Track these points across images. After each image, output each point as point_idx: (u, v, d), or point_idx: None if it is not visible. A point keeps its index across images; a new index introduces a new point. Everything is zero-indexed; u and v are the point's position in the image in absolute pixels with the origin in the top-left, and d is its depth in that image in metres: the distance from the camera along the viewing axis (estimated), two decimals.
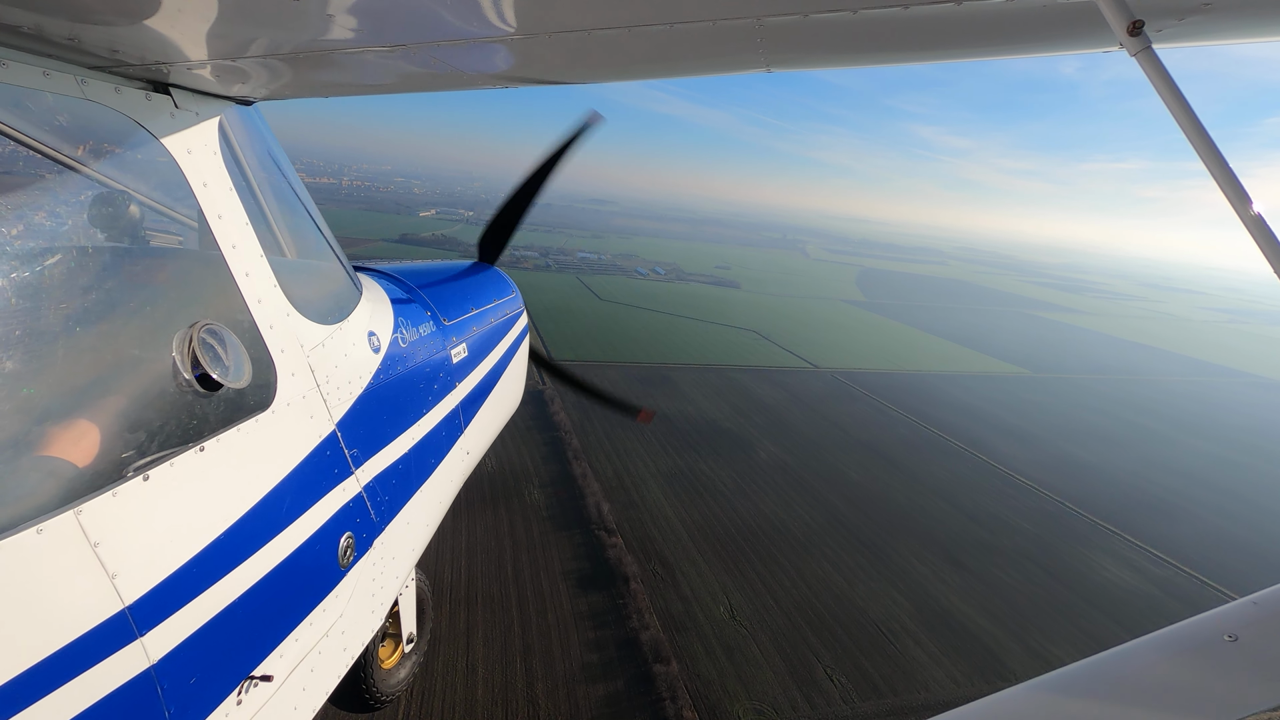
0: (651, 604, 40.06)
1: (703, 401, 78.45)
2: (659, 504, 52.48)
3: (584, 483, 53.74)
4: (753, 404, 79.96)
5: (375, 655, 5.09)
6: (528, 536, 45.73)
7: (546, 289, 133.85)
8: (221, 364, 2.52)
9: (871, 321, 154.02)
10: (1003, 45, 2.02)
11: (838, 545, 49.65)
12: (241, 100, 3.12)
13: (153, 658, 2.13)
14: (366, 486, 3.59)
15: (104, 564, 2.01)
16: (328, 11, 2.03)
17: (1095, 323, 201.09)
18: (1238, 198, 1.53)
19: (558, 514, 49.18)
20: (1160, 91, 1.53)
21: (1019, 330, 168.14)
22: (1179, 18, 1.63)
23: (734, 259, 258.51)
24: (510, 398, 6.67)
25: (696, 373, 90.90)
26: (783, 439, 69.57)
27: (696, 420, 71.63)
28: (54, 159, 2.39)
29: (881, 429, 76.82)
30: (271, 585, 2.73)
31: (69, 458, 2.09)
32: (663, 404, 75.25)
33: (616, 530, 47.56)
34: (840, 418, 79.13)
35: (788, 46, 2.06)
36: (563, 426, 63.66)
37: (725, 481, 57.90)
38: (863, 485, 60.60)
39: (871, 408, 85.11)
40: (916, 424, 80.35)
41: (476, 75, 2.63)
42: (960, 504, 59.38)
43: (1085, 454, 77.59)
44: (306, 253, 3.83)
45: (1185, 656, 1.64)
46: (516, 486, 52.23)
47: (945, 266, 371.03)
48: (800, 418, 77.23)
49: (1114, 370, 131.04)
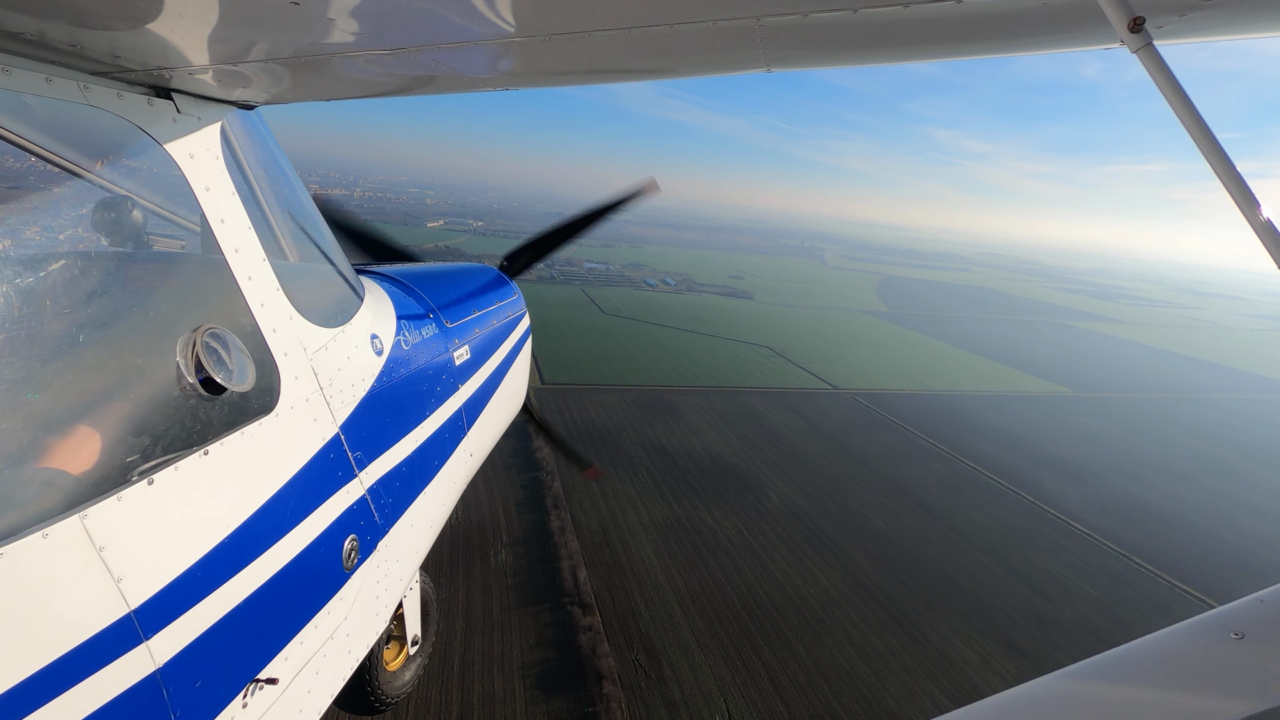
0: (629, 712, 31.88)
1: (708, 431, 70.14)
2: (649, 567, 44.31)
3: (561, 539, 45.80)
4: (764, 434, 71.42)
5: (380, 657, 5.05)
6: (485, 614, 37.84)
7: (548, 302, 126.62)
8: (225, 368, 2.52)
9: (895, 334, 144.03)
10: (1003, 43, 2.01)
11: (863, 621, 41.05)
12: (243, 104, 3.12)
13: (158, 661, 2.14)
14: (370, 489, 3.58)
15: (109, 568, 2.03)
16: (328, 15, 2.02)
17: (1134, 333, 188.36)
18: (1243, 197, 1.51)
19: (526, 582, 41.27)
20: (1162, 88, 1.52)
21: (1054, 342, 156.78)
22: (1180, 14, 1.62)
23: (748, 267, 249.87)
24: (513, 400, 6.62)
25: (703, 396, 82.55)
26: (798, 478, 61.01)
27: (699, 455, 63.35)
28: (57, 165, 2.42)
29: (911, 464, 67.78)
30: (276, 588, 2.72)
31: (73, 462, 2.10)
32: (663, 437, 67.09)
33: (594, 604, 39.50)
34: (863, 450, 70.25)
35: (788, 46, 2.06)
36: (545, 465, 55.87)
37: (730, 534, 49.57)
38: (892, 538, 51.81)
39: (898, 437, 76.02)
40: (950, 456, 71.16)
41: (476, 78, 2.65)
42: (1009, 561, 50.33)
43: (1147, 492, 67.75)
44: (309, 256, 3.78)
45: (1192, 654, 1.63)
46: (482, 544, 44.47)
47: (969, 273, 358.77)
48: (818, 450, 68.51)
49: (1163, 387, 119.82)
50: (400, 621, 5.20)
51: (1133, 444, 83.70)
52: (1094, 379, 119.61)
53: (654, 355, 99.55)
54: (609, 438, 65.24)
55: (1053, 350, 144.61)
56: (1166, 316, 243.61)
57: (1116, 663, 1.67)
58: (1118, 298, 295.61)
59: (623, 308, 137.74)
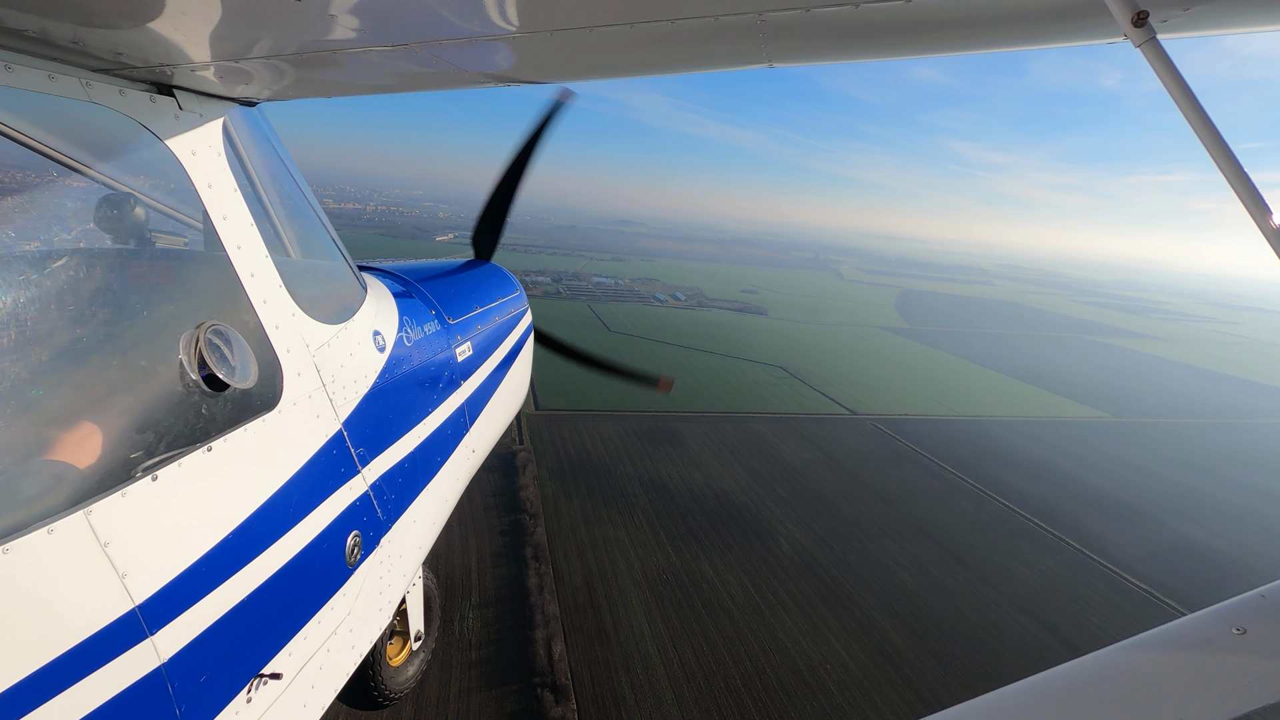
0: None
1: (713, 464, 64.20)
2: (639, 634, 38.41)
3: (539, 599, 40.09)
4: (775, 467, 65.29)
5: (384, 653, 5.10)
6: (440, 700, 32.17)
7: (551, 319, 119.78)
8: (228, 364, 2.52)
9: (916, 353, 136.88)
10: (1005, 37, 2.01)
11: (888, 705, 34.74)
12: (245, 101, 3.11)
13: (163, 656, 2.15)
14: (373, 485, 3.58)
15: (114, 564, 2.04)
16: (330, 12, 2.03)
17: (1170, 350, 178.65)
18: (1249, 197, 1.50)
19: (492, 656, 35.56)
20: (1165, 83, 1.51)
21: (1086, 361, 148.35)
22: (1184, 8, 1.61)
23: (762, 281, 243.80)
24: (515, 396, 6.63)
25: (709, 424, 76.66)
26: (812, 520, 54.78)
27: (703, 493, 57.42)
28: (59, 161, 2.42)
29: (938, 502, 61.19)
30: (280, 584, 2.72)
31: (78, 459, 2.11)
32: (663, 472, 61.28)
33: (570, 686, 33.66)
34: (885, 485, 63.79)
35: (789, 41, 2.07)
36: (529, 505, 50.29)
37: (734, 591, 43.53)
38: (920, 596, 45.37)
39: (923, 470, 69.40)
40: (982, 493, 64.41)
41: (478, 74, 2.64)
42: (1057, 625, 43.65)
43: (1209, 538, 60.38)
44: (311, 253, 3.79)
45: (1194, 650, 1.63)
46: (447, 604, 38.89)
47: (990, 286, 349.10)
48: (834, 486, 62.19)
49: (1208, 411, 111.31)
50: (403, 617, 5.19)
51: (1184, 479, 76.02)
52: (1133, 402, 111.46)
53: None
54: (605, 473, 59.61)
55: (1085, 369, 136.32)
56: (1201, 332, 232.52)
57: (1119, 658, 1.66)
58: (1147, 312, 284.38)
59: (629, 324, 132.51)
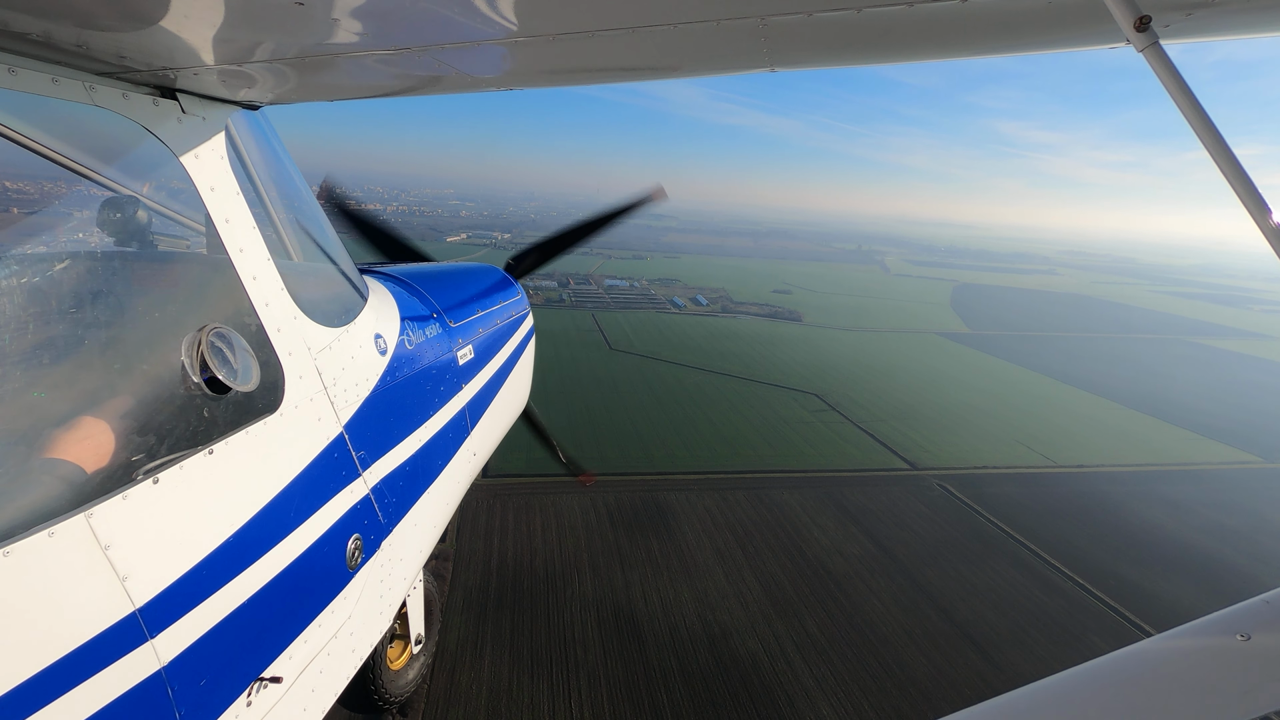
0: None
1: (711, 572, 44.26)
2: None
3: None
4: (804, 575, 44.90)
5: (384, 656, 5.28)
6: None
7: (543, 334, 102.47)
8: (230, 367, 2.53)
9: (984, 368, 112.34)
10: (1008, 42, 2.02)
11: None
12: (248, 105, 3.12)
13: (163, 659, 2.16)
14: (374, 488, 3.56)
15: (115, 566, 2.05)
16: (332, 15, 2.05)
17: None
18: (1250, 197, 1.50)
19: None
20: (1168, 87, 1.53)
21: (1198, 375, 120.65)
22: (1186, 13, 1.64)
23: (798, 278, 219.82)
24: (516, 399, 6.66)
25: (714, 493, 56.58)
26: (859, 685, 34.31)
27: (690, 636, 37.55)
28: (63, 164, 2.46)
29: (1063, 638, 39.70)
30: (280, 587, 2.72)
31: (79, 461, 2.12)
32: (636, 590, 41.62)
33: None
34: (973, 606, 42.64)
35: (791, 45, 2.08)
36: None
37: None
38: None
39: (1027, 572, 47.74)
40: (1122, 620, 42.59)
41: (480, 78, 2.66)
42: None
43: None
44: (313, 256, 3.80)
45: (1198, 656, 1.64)
46: None
47: (1055, 276, 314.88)
48: (895, 617, 41.39)
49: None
50: (404, 620, 5.29)
51: None
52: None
53: (655, 419, 73.89)
54: (547, 595, 40.49)
55: (1202, 388, 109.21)
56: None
57: (1124, 664, 1.65)
58: (1247, 303, 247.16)
59: (636, 337, 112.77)
